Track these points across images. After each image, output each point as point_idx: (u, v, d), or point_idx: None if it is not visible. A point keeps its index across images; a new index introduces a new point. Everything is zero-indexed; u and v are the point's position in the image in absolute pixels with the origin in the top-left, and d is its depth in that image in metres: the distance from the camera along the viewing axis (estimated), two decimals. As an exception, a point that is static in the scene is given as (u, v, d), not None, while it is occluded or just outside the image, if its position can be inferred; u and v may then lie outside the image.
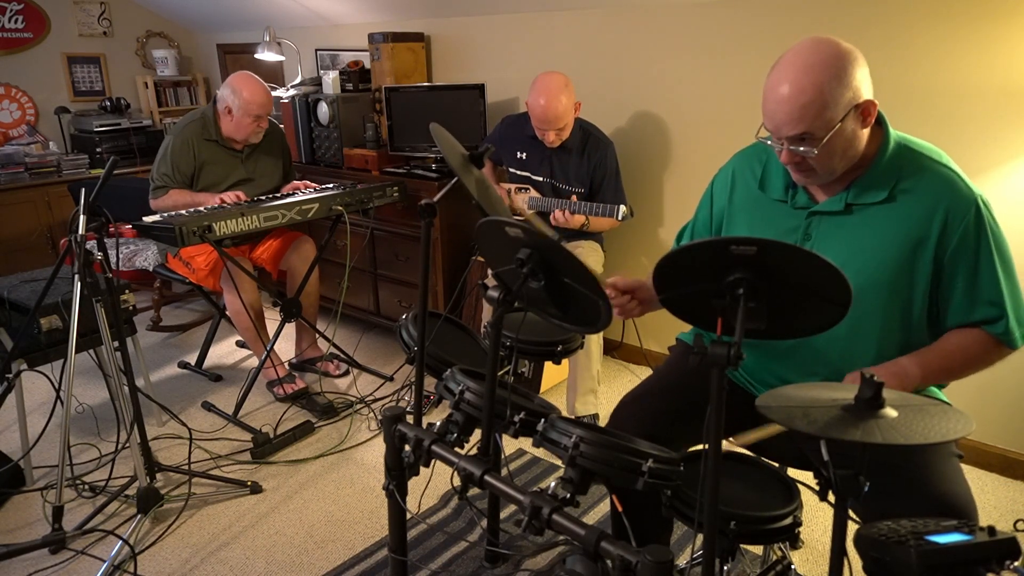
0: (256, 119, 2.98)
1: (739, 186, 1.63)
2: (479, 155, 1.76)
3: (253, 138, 3.04)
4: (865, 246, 1.42)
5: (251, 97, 2.93)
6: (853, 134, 1.37)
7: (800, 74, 1.32)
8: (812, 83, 1.31)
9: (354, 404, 3.10)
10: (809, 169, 1.40)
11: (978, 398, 2.53)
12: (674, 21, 2.98)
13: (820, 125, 1.32)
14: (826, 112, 1.32)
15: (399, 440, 1.51)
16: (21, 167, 4.40)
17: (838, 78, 1.31)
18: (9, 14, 4.58)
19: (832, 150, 1.36)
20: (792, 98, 1.32)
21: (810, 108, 1.31)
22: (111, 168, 2.09)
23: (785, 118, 1.34)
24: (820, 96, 1.31)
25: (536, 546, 2.16)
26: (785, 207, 1.53)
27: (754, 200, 1.59)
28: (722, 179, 1.68)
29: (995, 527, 1.01)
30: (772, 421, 1.08)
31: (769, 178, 1.57)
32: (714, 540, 1.12)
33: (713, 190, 1.70)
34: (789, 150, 1.38)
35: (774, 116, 1.36)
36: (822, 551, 2.17)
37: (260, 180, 3.16)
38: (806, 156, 1.37)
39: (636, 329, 3.38)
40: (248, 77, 2.99)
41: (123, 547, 2.15)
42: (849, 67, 1.32)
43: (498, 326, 1.41)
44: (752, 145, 1.64)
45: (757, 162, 1.60)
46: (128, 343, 2.33)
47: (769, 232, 1.54)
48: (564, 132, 2.79)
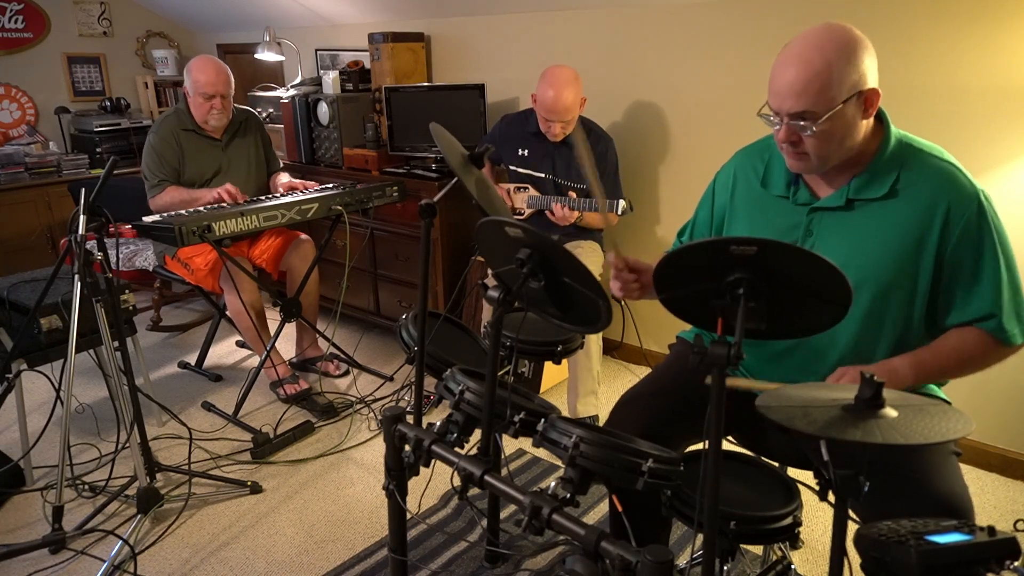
0: (207, 98, 2.98)
1: (741, 183, 1.63)
2: (479, 155, 1.76)
3: (214, 120, 3.04)
4: (867, 243, 1.42)
5: (197, 76, 2.97)
6: (853, 121, 1.36)
7: (811, 49, 1.32)
8: (821, 58, 1.31)
9: (354, 404, 3.10)
10: (804, 153, 1.40)
11: (978, 398, 2.53)
12: (674, 20, 2.98)
13: (823, 101, 1.32)
14: (830, 89, 1.31)
15: (399, 440, 1.51)
16: (21, 167, 4.40)
17: (847, 58, 1.31)
18: (9, 14, 4.58)
19: (831, 133, 1.35)
20: (799, 71, 1.32)
21: (815, 82, 1.31)
22: (111, 168, 2.09)
23: (789, 90, 1.34)
24: (827, 71, 1.31)
25: (536, 546, 2.16)
26: (787, 203, 1.53)
27: (756, 197, 1.59)
28: (724, 177, 1.68)
29: (995, 527, 1.01)
30: (772, 420, 1.08)
31: (771, 175, 1.57)
32: (714, 540, 1.12)
33: (715, 188, 1.70)
34: (788, 125, 1.37)
35: (779, 88, 1.36)
36: (822, 551, 2.16)
37: (241, 169, 3.19)
38: (803, 134, 1.36)
39: (636, 329, 3.37)
40: (200, 59, 3.02)
41: (123, 547, 2.15)
42: (859, 51, 1.32)
43: (498, 326, 1.41)
44: (755, 143, 1.64)
45: (760, 160, 1.60)
46: (128, 343, 2.33)
47: (770, 229, 1.54)
48: (569, 126, 2.80)
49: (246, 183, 3.16)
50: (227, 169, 3.15)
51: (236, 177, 3.14)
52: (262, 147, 3.30)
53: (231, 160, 3.17)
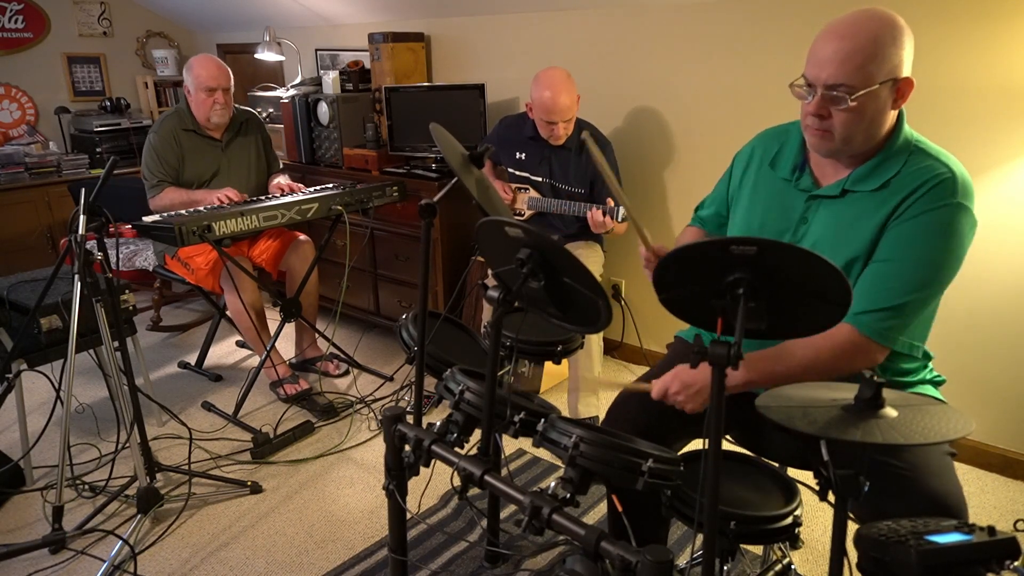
0: (209, 92, 3.00)
1: (754, 163, 1.65)
2: (479, 155, 1.76)
3: (216, 116, 3.04)
4: (848, 230, 1.43)
5: (199, 71, 2.98)
6: (883, 107, 1.36)
7: (860, 23, 1.32)
8: (868, 32, 1.31)
9: (354, 404, 3.10)
10: (829, 132, 1.39)
11: (978, 398, 2.53)
12: (674, 21, 2.98)
13: (862, 76, 1.31)
14: (871, 64, 1.31)
15: (399, 440, 1.51)
16: (21, 167, 4.40)
17: (893, 38, 1.31)
18: (9, 14, 4.58)
19: (861, 112, 1.35)
20: (846, 40, 1.32)
21: (858, 54, 1.31)
22: (111, 168, 2.09)
23: (832, 58, 1.33)
24: (872, 45, 1.30)
25: (536, 546, 2.16)
26: (789, 186, 1.55)
27: (762, 176, 1.61)
28: (743, 156, 1.70)
29: (995, 527, 1.01)
30: (772, 420, 1.08)
31: (781, 158, 1.58)
32: (714, 540, 1.12)
33: (733, 166, 1.73)
34: (823, 96, 1.35)
35: (821, 57, 1.34)
36: (822, 551, 2.16)
37: (241, 170, 3.19)
38: (835, 107, 1.35)
39: (636, 329, 3.38)
40: (200, 56, 3.05)
41: (123, 547, 2.15)
42: (904, 36, 1.33)
43: (498, 326, 1.41)
44: (777, 126, 1.66)
45: (775, 142, 1.62)
46: (128, 343, 2.33)
47: (768, 207, 1.56)
48: (570, 126, 2.80)
49: (245, 184, 3.16)
50: (226, 170, 3.15)
51: (235, 178, 3.14)
52: (262, 148, 3.30)
53: (231, 161, 3.17)
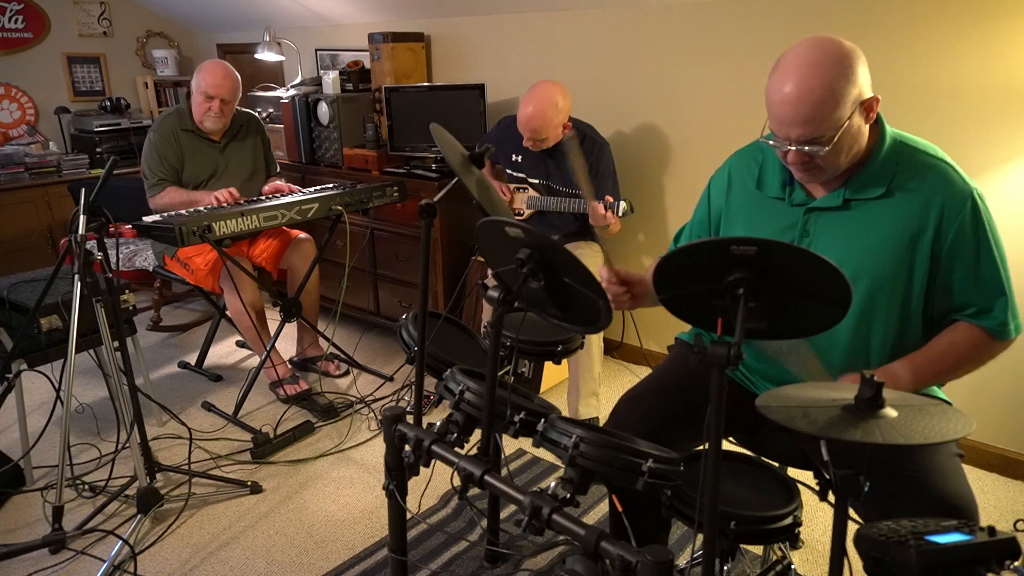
0: (208, 98, 3.00)
1: (736, 185, 1.63)
2: (479, 155, 1.77)
3: (208, 123, 3.04)
4: (864, 241, 1.43)
5: (204, 76, 2.99)
6: (859, 130, 1.37)
7: (807, 74, 1.30)
8: (820, 83, 1.29)
9: (354, 404, 3.10)
10: (816, 168, 1.40)
11: (978, 398, 2.53)
12: (674, 22, 2.98)
13: (830, 125, 1.31)
14: (836, 112, 1.31)
15: (399, 440, 1.51)
16: (21, 167, 4.40)
17: (845, 76, 1.30)
18: (9, 14, 4.58)
19: (840, 148, 1.36)
20: (801, 99, 1.30)
21: (820, 109, 1.30)
22: (111, 168, 2.09)
23: (794, 120, 1.32)
24: (831, 96, 1.29)
25: (536, 546, 2.16)
26: (782, 204, 1.53)
27: (751, 199, 1.59)
28: (719, 179, 1.68)
29: (995, 527, 1.01)
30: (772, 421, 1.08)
31: (765, 176, 1.57)
32: (714, 540, 1.12)
33: (711, 190, 1.70)
34: (797, 151, 1.36)
35: (782, 118, 1.34)
36: (822, 551, 2.16)
37: (239, 171, 3.19)
38: (814, 156, 1.36)
39: (636, 329, 3.37)
40: (212, 62, 3.04)
41: (123, 547, 2.15)
42: (854, 64, 1.31)
43: (498, 326, 1.41)
44: (749, 145, 1.64)
45: (753, 161, 1.60)
46: (128, 343, 2.33)
47: (767, 230, 1.55)
48: (543, 144, 2.77)
49: (243, 186, 3.15)
50: (224, 171, 3.15)
51: (233, 180, 3.13)
52: (262, 151, 3.30)
53: (228, 162, 3.16)
